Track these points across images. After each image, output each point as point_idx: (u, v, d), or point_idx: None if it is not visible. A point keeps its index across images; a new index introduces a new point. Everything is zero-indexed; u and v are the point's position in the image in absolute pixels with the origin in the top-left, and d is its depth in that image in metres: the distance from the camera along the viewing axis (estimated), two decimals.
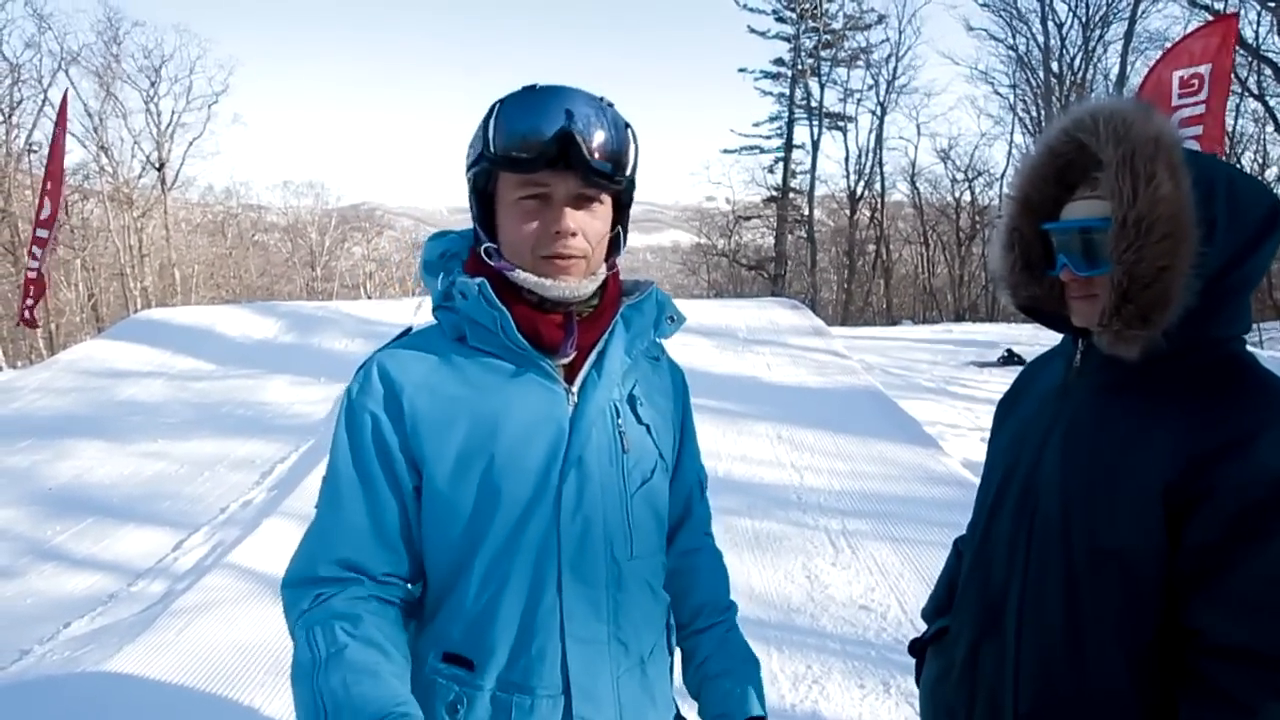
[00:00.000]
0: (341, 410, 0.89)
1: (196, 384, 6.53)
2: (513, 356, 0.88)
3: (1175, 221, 0.78)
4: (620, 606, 0.89)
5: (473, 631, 0.85)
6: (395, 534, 0.86)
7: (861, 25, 23.10)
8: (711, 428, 4.97)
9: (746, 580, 3.13)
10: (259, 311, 8.68)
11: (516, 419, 0.86)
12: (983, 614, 0.96)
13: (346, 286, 32.11)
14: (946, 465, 4.43)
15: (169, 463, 4.87)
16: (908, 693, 2.39)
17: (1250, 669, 0.75)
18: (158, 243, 22.28)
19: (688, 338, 7.12)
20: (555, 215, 0.84)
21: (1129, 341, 0.81)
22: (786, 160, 24.09)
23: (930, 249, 27.52)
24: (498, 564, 0.85)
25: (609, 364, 0.91)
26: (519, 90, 0.86)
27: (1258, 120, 17.24)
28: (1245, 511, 0.75)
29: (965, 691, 0.98)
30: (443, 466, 0.85)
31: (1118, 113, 0.82)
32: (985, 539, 0.98)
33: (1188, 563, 0.79)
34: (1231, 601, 0.76)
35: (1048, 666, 0.88)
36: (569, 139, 0.81)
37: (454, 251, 0.94)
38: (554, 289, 0.86)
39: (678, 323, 1.00)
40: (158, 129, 21.25)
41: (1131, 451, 0.82)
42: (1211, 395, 0.80)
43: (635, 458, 0.92)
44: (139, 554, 3.72)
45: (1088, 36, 21.89)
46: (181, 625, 2.77)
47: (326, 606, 0.83)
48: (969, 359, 9.69)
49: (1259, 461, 0.75)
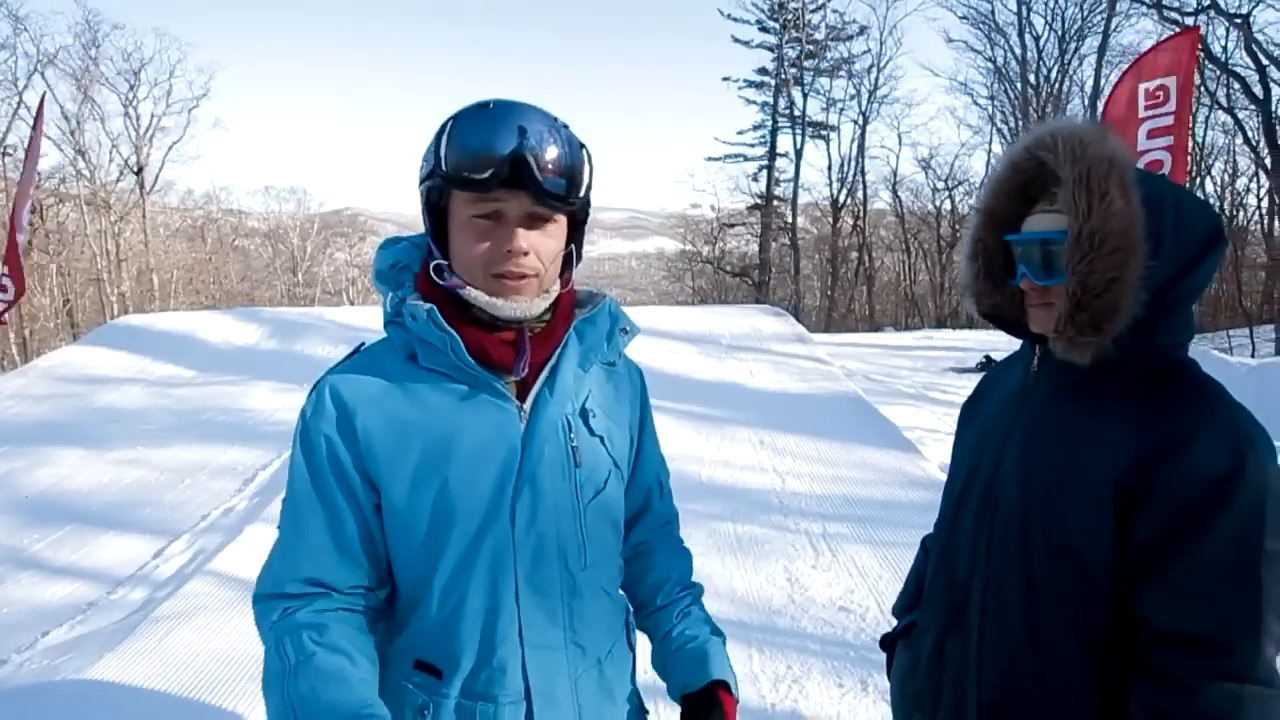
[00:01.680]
0: (296, 433, 0.90)
1: (177, 390, 6.47)
2: (464, 376, 0.88)
3: (1125, 236, 0.83)
4: (575, 613, 0.91)
5: (438, 642, 0.88)
6: (356, 548, 0.88)
7: (843, 36, 23.48)
8: (695, 433, 5.02)
9: (729, 583, 3.17)
10: (240, 317, 8.61)
11: (469, 440, 0.87)
12: (948, 608, 1.00)
13: (329, 293, 31.85)
14: (925, 469, 4.51)
15: (149, 470, 4.82)
16: (885, 690, 2.44)
17: (1191, 653, 0.80)
18: (136, 248, 22.00)
19: (672, 345, 7.18)
20: (508, 234, 0.84)
21: (1081, 348, 0.86)
22: (770, 168, 24.35)
23: (912, 256, 27.92)
24: (456, 579, 0.87)
25: (561, 379, 0.92)
26: (473, 106, 0.86)
27: (1227, 132, 17.74)
28: (1185, 508, 0.80)
29: (932, 682, 1.02)
30: (398, 487, 0.86)
31: (1076, 133, 0.87)
32: (950, 536, 1.03)
33: (1134, 556, 0.83)
34: (1173, 591, 0.81)
35: (1008, 658, 0.92)
36: (521, 160, 0.81)
37: (405, 263, 0.93)
38: (505, 309, 0.87)
39: (631, 334, 1.01)
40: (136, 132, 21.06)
41: (1085, 452, 0.87)
42: (1156, 399, 0.85)
43: (588, 471, 0.93)
44: (119, 561, 3.68)
45: (1064, 50, 22.39)
46: (163, 633, 2.76)
47: (293, 618, 0.85)
48: (948, 365, 9.85)
49: (1196, 462, 0.80)
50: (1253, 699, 0.78)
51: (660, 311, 9.18)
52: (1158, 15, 15.77)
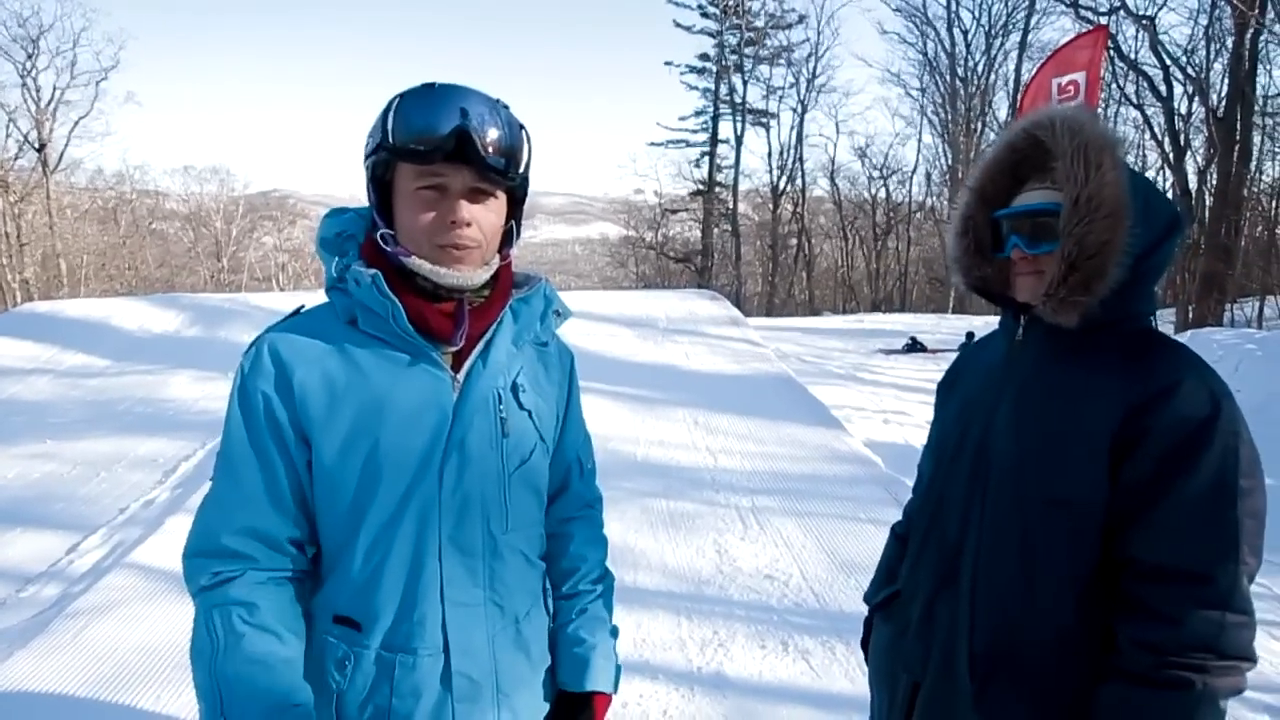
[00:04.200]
0: (235, 387, 0.92)
1: (89, 381, 6.14)
2: (402, 344, 0.92)
3: (1117, 203, 0.91)
4: (495, 574, 0.96)
5: (360, 597, 0.91)
6: (290, 501, 0.91)
7: (783, 24, 23.80)
8: (631, 414, 5.12)
9: (660, 556, 3.29)
10: (159, 304, 8.19)
11: (402, 404, 0.90)
12: (938, 570, 1.04)
13: (257, 279, 30.46)
14: (850, 445, 4.74)
15: (60, 464, 4.59)
16: (804, 650, 2.61)
17: (1175, 585, 0.86)
18: (40, 230, 20.49)
19: (611, 328, 7.25)
20: (451, 205, 0.89)
21: (1070, 309, 0.93)
22: (712, 154, 24.57)
23: (849, 243, 28.72)
24: (382, 537, 0.90)
25: (495, 354, 0.97)
26: (419, 86, 0.90)
27: (1137, 127, 18.87)
28: (1170, 451, 0.87)
29: (922, 644, 1.04)
30: (330, 446, 0.89)
31: (1072, 116, 0.96)
32: (939, 503, 1.06)
33: (1122, 500, 0.89)
34: (1158, 528, 0.87)
35: (1002, 609, 0.96)
36: (465, 135, 0.86)
37: (350, 232, 0.97)
38: (448, 277, 0.91)
39: (564, 317, 1.06)
40: (37, 106, 19.54)
41: (1079, 407, 0.93)
42: (1138, 357, 0.93)
43: (515, 441, 0.97)
44: (29, 558, 3.51)
45: (990, 44, 23.35)
46: (79, 627, 2.67)
47: (223, 592, 0.87)
48: (877, 347, 10.26)
49: (1180, 409, 0.87)
50: (1232, 626, 0.84)
51: (600, 296, 9.23)
52: (1074, 14, 16.66)
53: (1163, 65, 15.72)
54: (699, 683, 2.43)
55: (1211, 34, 16.33)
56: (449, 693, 0.92)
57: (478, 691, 0.94)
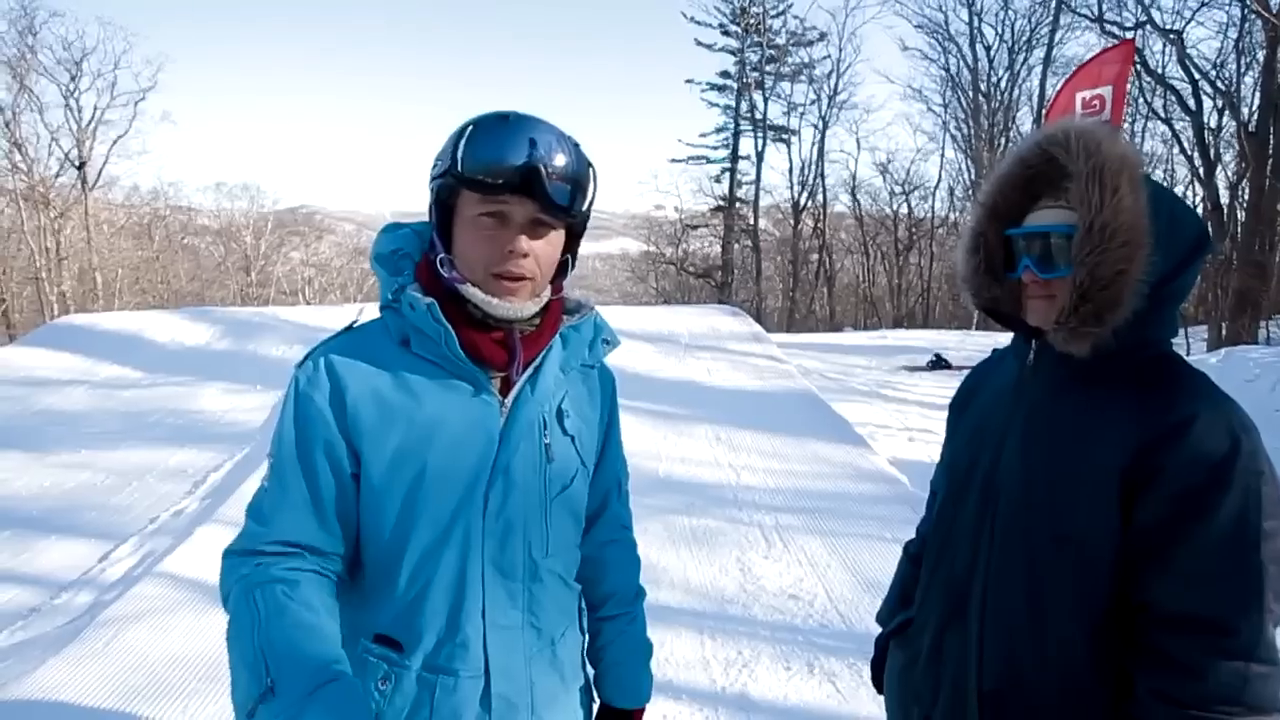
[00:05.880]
0: (289, 398, 0.93)
1: (123, 392, 6.29)
2: (453, 368, 0.92)
3: (1134, 230, 0.85)
4: (534, 597, 0.97)
5: (403, 618, 0.92)
6: (333, 516, 0.92)
7: (804, 41, 23.89)
8: (653, 430, 5.11)
9: (684, 574, 3.26)
10: (190, 317, 8.39)
11: (450, 428, 0.91)
12: (947, 602, 1.01)
13: (284, 293, 31.02)
14: (874, 463, 4.67)
15: (94, 473, 4.69)
16: (830, 673, 2.56)
17: (1197, 635, 0.81)
18: (77, 245, 21.11)
19: (632, 344, 7.25)
20: (510, 236, 0.89)
21: (1081, 339, 0.88)
22: (733, 170, 24.63)
23: (870, 259, 28.54)
24: (427, 559, 0.91)
25: (543, 380, 0.97)
26: (493, 115, 0.91)
27: (1165, 141, 18.57)
28: (1187, 492, 0.81)
29: (931, 676, 1.02)
30: (378, 464, 0.90)
31: (1089, 131, 0.89)
32: (949, 531, 1.03)
33: (1137, 541, 0.84)
34: (1177, 574, 0.82)
35: (1010, 647, 0.92)
36: (534, 171, 0.86)
37: (406, 250, 0.98)
38: (499, 308, 0.91)
39: (612, 345, 1.07)
40: (78, 125, 20.21)
41: (1088, 442, 0.88)
42: (1152, 389, 0.87)
43: (558, 467, 0.98)
44: (62, 566, 3.59)
45: (1013, 60, 23.21)
46: (110, 636, 2.72)
47: (266, 571, 0.87)
48: (901, 364, 10.15)
49: (1195, 446, 0.81)
50: (1257, 677, 0.79)
51: (621, 311, 9.26)
52: (1099, 29, 16.51)
53: (1191, 79, 15.49)
54: (723, 703, 2.39)
55: (1242, 47, 16.08)
56: (488, 714, 0.93)
57: (514, 713, 0.95)
